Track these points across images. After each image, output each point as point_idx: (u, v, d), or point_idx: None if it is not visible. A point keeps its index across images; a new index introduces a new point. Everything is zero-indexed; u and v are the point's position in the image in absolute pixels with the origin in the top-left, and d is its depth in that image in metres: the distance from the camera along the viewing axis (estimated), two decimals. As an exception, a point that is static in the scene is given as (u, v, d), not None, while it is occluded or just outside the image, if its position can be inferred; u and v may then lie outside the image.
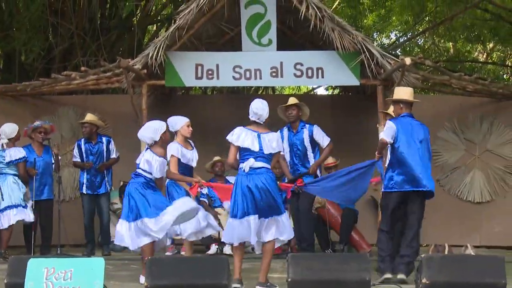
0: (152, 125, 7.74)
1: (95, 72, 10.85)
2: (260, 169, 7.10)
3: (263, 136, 7.19)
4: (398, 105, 7.94)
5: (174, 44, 10.24)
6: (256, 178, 7.05)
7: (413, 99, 7.95)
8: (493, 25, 17.03)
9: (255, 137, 7.16)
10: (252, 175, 7.07)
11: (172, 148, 8.09)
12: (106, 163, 10.43)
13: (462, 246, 9.18)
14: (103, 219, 10.46)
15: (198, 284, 6.15)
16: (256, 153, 7.11)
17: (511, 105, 11.77)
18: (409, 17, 18.42)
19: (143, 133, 7.72)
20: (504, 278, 6.15)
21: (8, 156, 9.61)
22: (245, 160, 7.14)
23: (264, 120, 7.26)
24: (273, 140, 7.22)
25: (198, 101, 13.32)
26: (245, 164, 7.11)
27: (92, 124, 10.42)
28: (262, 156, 7.13)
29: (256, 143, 7.13)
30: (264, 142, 7.16)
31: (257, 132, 7.20)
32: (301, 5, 9.87)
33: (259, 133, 7.20)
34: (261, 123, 7.26)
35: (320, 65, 10.31)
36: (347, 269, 6.27)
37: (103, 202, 10.44)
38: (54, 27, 14.56)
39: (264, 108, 7.25)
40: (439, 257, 6.47)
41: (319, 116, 11.82)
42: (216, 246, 10.16)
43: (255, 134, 7.18)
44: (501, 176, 11.71)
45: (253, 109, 7.27)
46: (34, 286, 5.94)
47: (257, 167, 7.10)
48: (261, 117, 7.24)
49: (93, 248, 10.36)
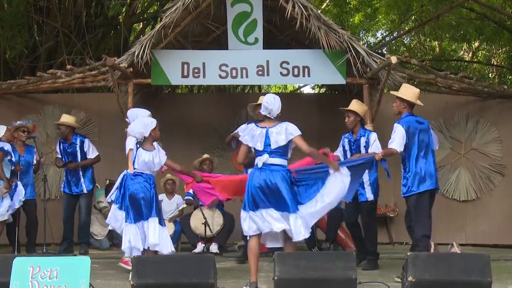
0: (143, 121, 7.71)
1: (80, 71, 10.82)
2: (275, 166, 7.01)
3: (271, 130, 7.06)
4: (401, 103, 8.01)
5: (160, 43, 10.21)
6: (268, 174, 6.96)
7: (417, 101, 8.04)
8: (478, 24, 17.09)
9: (261, 135, 7.06)
10: (265, 170, 6.99)
11: (131, 142, 8.04)
12: (78, 163, 10.37)
13: (448, 244, 9.20)
14: (80, 218, 10.48)
15: (184, 283, 6.14)
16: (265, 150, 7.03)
17: (497, 104, 11.85)
18: (395, 16, 18.44)
19: (133, 128, 7.69)
20: (490, 276, 6.18)
21: None
22: (259, 156, 7.07)
23: (276, 115, 7.14)
24: (282, 132, 7.04)
25: (185, 99, 13.29)
26: (258, 159, 7.06)
27: (67, 126, 10.37)
28: (275, 152, 7.04)
29: (260, 142, 7.04)
30: (272, 137, 7.03)
31: (265, 127, 7.09)
32: (287, 3, 9.87)
33: (268, 128, 7.08)
34: (272, 118, 7.14)
35: (306, 63, 10.32)
36: (333, 268, 6.28)
37: (82, 202, 10.45)
38: (39, 25, 14.50)
39: (275, 103, 7.11)
40: (425, 255, 6.48)
41: (305, 115, 11.89)
42: (202, 245, 10.15)
43: (263, 131, 7.08)
44: (486, 174, 11.77)
45: (264, 103, 7.15)
46: (20, 285, 5.92)
47: (270, 163, 7.02)
48: (271, 111, 7.11)
49: (68, 246, 10.32)
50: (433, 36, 18.92)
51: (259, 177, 6.98)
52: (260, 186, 6.95)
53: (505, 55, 19.76)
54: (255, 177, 7.02)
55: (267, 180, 6.94)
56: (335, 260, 6.36)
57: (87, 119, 11.67)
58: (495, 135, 11.82)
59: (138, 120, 7.80)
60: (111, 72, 9.99)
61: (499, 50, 20.18)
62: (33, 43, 14.31)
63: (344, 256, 6.52)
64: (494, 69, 21.07)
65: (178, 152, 10.70)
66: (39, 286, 5.92)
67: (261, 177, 6.97)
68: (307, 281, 6.25)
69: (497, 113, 11.88)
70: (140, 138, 7.64)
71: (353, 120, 8.71)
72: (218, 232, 10.31)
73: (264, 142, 7.05)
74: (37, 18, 14.27)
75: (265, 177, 6.96)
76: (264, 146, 7.04)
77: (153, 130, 7.67)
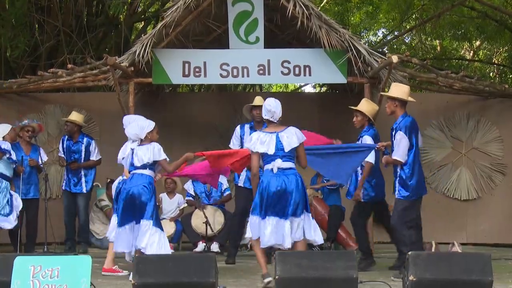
0: (139, 123, 7.71)
1: (81, 70, 10.82)
2: (289, 170, 7.06)
3: (281, 134, 7.09)
4: (393, 102, 7.94)
5: (161, 42, 10.21)
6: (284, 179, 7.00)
7: (409, 98, 7.98)
8: (479, 23, 17.08)
9: (272, 139, 7.07)
10: (280, 176, 7.01)
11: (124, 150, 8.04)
12: (81, 163, 10.41)
13: (448, 243, 9.19)
14: (79, 218, 10.54)
15: (185, 282, 6.14)
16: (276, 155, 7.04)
17: (498, 103, 11.84)
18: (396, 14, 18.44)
19: (129, 130, 7.72)
20: (491, 275, 6.17)
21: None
22: (269, 163, 7.07)
23: (278, 118, 7.18)
24: (293, 135, 7.10)
25: (185, 98, 13.29)
26: (270, 165, 7.04)
27: (74, 123, 10.40)
28: (287, 156, 7.07)
29: (272, 146, 7.04)
30: (283, 140, 7.06)
31: (275, 132, 7.12)
32: (288, 3, 9.87)
33: (277, 132, 7.11)
34: (275, 121, 7.18)
35: (307, 63, 10.32)
36: (334, 267, 6.27)
37: (80, 202, 10.51)
38: (40, 24, 14.49)
39: (278, 106, 7.16)
40: (425, 255, 6.47)
41: (306, 114, 11.89)
42: (203, 244, 10.16)
43: (273, 136, 7.09)
44: (487, 173, 11.76)
45: (267, 106, 7.18)
46: (21, 284, 5.91)
47: (285, 167, 7.06)
48: (274, 114, 7.15)
49: (72, 246, 10.36)
50: (434, 35, 18.92)
51: (276, 182, 7.00)
52: (276, 191, 6.97)
53: (506, 54, 19.76)
54: (272, 182, 7.01)
55: (282, 185, 6.97)
56: (336, 259, 6.36)
57: (88, 118, 11.65)
58: (496, 134, 11.81)
59: (135, 122, 7.81)
60: (112, 71, 9.99)
61: (500, 49, 20.17)
62: (34, 42, 14.30)
63: (345, 255, 6.52)
64: (495, 69, 21.06)
65: (178, 151, 10.64)
66: (40, 286, 5.91)
67: (278, 182, 6.99)
68: (308, 280, 6.25)
69: (498, 112, 11.87)
70: (136, 140, 7.64)
71: (361, 120, 8.66)
72: (219, 231, 10.32)
73: (275, 146, 7.05)
74: (38, 17, 14.25)
75: (281, 182, 6.98)
76: (276, 150, 7.05)
77: (149, 132, 7.66)
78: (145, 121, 7.75)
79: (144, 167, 7.59)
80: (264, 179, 7.07)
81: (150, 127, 7.69)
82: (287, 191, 6.97)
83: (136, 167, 7.61)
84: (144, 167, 7.59)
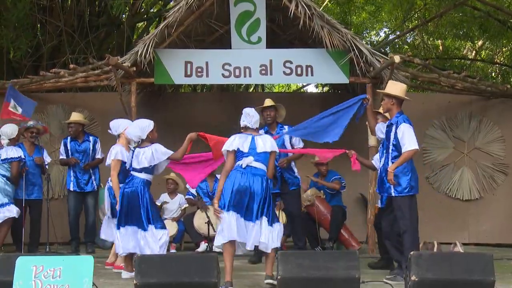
0: (140, 124, 7.75)
1: (83, 70, 10.84)
2: (259, 171, 7.10)
3: (257, 137, 7.23)
4: (390, 100, 7.89)
5: (163, 42, 10.22)
6: (250, 177, 7.03)
7: (405, 96, 7.93)
8: (482, 23, 17.08)
9: (247, 139, 7.17)
10: (248, 174, 7.05)
11: (115, 152, 8.10)
12: (91, 162, 10.43)
13: (451, 243, 9.18)
14: (88, 218, 10.53)
15: (187, 282, 6.14)
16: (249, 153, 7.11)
17: (499, 103, 11.84)
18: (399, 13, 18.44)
19: (130, 131, 7.78)
20: (493, 276, 6.17)
21: (4, 154, 9.58)
22: (240, 159, 7.12)
23: (255, 126, 7.29)
24: (267, 141, 7.23)
25: (187, 98, 13.29)
26: (243, 160, 7.09)
27: (78, 124, 10.41)
28: (260, 158, 7.12)
29: (246, 144, 7.13)
30: (257, 142, 7.16)
31: (251, 134, 7.23)
32: (290, 3, 9.88)
33: (253, 135, 7.23)
34: (253, 128, 7.29)
35: (309, 63, 10.33)
36: (336, 267, 6.28)
37: (89, 201, 10.50)
38: (42, 24, 14.51)
39: (256, 115, 7.34)
40: (428, 255, 6.47)
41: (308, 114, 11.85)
42: (205, 244, 10.16)
43: (249, 136, 7.21)
44: (489, 173, 11.76)
45: (247, 111, 7.34)
46: (23, 284, 5.92)
47: (254, 166, 7.10)
48: (252, 119, 7.28)
49: (77, 246, 10.36)
50: (436, 34, 18.92)
51: (241, 179, 7.03)
52: (239, 188, 7.00)
53: (508, 54, 19.74)
54: (237, 178, 7.05)
55: (246, 183, 7.00)
56: (338, 259, 6.37)
57: (90, 118, 11.65)
58: (498, 134, 11.81)
59: (135, 123, 7.88)
60: (114, 71, 10.00)
61: (503, 49, 20.16)
62: (36, 42, 14.32)
63: (347, 255, 6.52)
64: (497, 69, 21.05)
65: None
66: (42, 286, 5.92)
67: (243, 180, 7.02)
68: (310, 280, 6.26)
69: (500, 112, 11.87)
70: (138, 140, 7.68)
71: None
72: (221, 231, 10.31)
73: (249, 146, 7.16)
74: (40, 18, 14.28)
75: (246, 181, 7.01)
76: (249, 149, 7.14)
77: (150, 132, 7.72)
78: (145, 121, 7.78)
79: (140, 171, 7.64)
80: (232, 174, 7.13)
81: (151, 126, 7.74)
82: (250, 190, 7.00)
83: (134, 169, 7.66)
84: (140, 170, 7.64)
